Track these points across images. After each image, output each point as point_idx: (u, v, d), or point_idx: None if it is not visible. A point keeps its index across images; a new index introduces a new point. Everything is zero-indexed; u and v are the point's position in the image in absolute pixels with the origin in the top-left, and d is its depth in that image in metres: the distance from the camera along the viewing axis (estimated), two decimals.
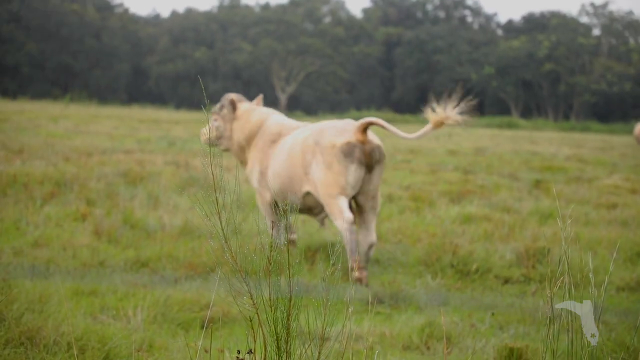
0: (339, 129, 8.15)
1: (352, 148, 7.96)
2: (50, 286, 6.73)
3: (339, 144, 7.98)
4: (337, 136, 8.06)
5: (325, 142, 8.06)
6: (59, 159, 15.29)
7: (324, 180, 8.01)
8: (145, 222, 9.52)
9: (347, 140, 7.99)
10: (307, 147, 8.20)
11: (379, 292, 7.02)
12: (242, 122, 8.99)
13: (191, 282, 7.26)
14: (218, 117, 9.14)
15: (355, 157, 7.95)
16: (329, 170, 7.98)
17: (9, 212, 9.74)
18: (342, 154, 7.95)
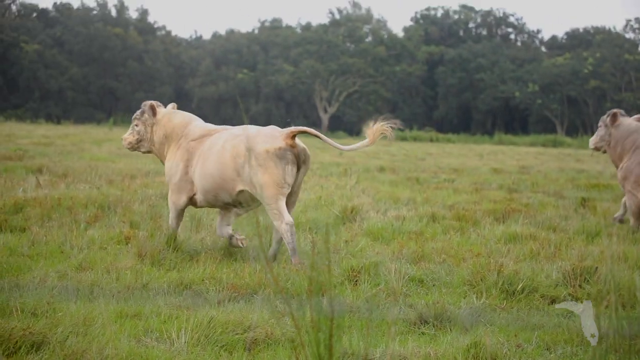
0: (268, 136, 9.23)
1: (284, 152, 9.08)
2: (94, 309, 6.74)
3: (272, 149, 9.07)
4: (268, 142, 9.14)
5: (259, 148, 9.11)
6: (102, 182, 15.38)
7: (264, 182, 9.03)
8: (188, 244, 9.52)
9: (279, 145, 9.10)
10: (238, 153, 9.24)
11: (423, 312, 6.94)
12: (163, 124, 10.02)
13: (234, 304, 7.23)
14: (139, 122, 10.20)
15: (289, 159, 9.11)
16: (267, 174, 9.02)
17: (54, 235, 9.79)
18: (277, 157, 9.06)
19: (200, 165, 9.56)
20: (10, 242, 9.45)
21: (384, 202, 14.26)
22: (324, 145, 36.58)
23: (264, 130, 9.40)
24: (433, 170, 23.91)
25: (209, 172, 9.47)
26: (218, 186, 9.46)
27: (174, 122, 9.98)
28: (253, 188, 9.17)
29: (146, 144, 10.20)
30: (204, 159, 9.54)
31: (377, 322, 6.83)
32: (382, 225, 11.27)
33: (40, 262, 8.55)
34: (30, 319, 6.28)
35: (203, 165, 9.53)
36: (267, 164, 9.04)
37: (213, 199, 9.65)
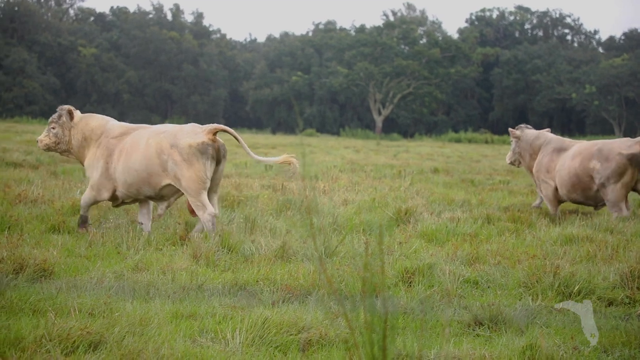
0: (191, 132, 10.15)
1: (206, 147, 10.04)
2: (150, 309, 6.80)
3: (195, 144, 10.01)
4: (191, 138, 10.07)
5: (182, 143, 10.04)
6: None
7: (188, 177, 9.99)
8: (243, 246, 9.57)
9: (201, 140, 10.05)
10: (162, 149, 10.12)
11: (478, 314, 6.90)
12: (81, 127, 10.82)
13: (288, 305, 7.25)
14: (56, 125, 10.92)
15: (209, 154, 10.06)
16: (191, 167, 9.98)
17: (110, 236, 9.90)
18: (199, 152, 10.00)
19: (124, 161, 10.37)
20: (68, 243, 9.59)
21: (438, 203, 14.19)
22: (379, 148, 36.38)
23: (186, 127, 10.32)
24: (488, 172, 23.75)
25: (133, 167, 10.30)
26: (142, 180, 10.30)
27: (92, 124, 10.80)
28: (177, 182, 10.08)
29: (63, 145, 10.95)
30: (127, 155, 10.35)
31: (432, 323, 6.81)
32: (436, 227, 11.22)
33: (97, 263, 8.65)
34: (88, 318, 6.36)
35: (126, 160, 10.35)
36: (190, 159, 10.00)
37: (135, 193, 10.50)
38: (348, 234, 10.37)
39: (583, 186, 13.25)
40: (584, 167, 13.19)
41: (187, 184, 10.04)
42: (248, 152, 10.49)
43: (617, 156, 12.89)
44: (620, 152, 12.89)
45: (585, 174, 13.16)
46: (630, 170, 12.82)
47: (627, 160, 12.83)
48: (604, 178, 12.92)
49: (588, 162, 13.16)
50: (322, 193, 14.86)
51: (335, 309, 6.97)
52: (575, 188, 13.32)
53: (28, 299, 6.88)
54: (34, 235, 9.93)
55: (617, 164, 12.85)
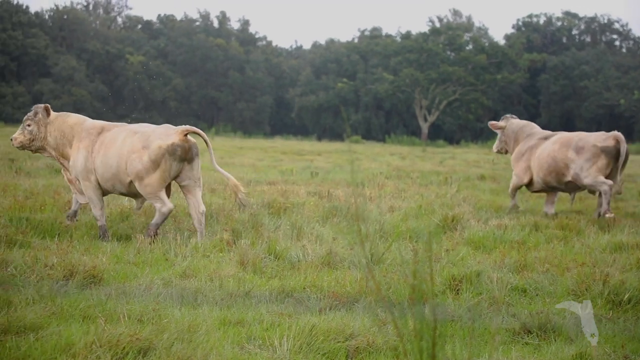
0: (162, 134, 10.67)
1: (175, 148, 10.55)
2: (198, 316, 6.85)
3: (165, 146, 10.52)
4: (162, 139, 10.57)
5: (153, 145, 10.54)
6: (205, 191, 15.58)
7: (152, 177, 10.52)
8: (289, 252, 9.59)
9: (171, 142, 10.56)
10: (134, 148, 10.62)
11: (526, 321, 6.85)
12: (58, 124, 11.28)
13: (335, 312, 7.25)
14: (32, 122, 11.32)
15: (177, 155, 10.56)
16: (158, 169, 10.52)
17: (158, 243, 9.98)
18: (168, 154, 10.51)
19: (102, 155, 10.89)
20: (117, 249, 9.68)
21: (485, 210, 14.12)
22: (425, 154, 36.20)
23: (159, 129, 10.83)
24: None
25: (109, 163, 10.84)
26: (113, 175, 10.85)
27: (70, 122, 11.31)
28: (139, 180, 10.60)
29: (38, 142, 11.36)
30: (106, 150, 10.88)
31: (480, 331, 6.77)
32: (483, 234, 11.16)
33: (145, 270, 8.72)
34: (137, 325, 6.41)
35: (105, 155, 10.87)
36: (158, 160, 10.53)
37: (111, 188, 11.04)
38: (395, 241, 10.35)
39: (557, 170, 14.30)
40: (562, 153, 14.25)
41: (149, 182, 10.59)
42: (211, 158, 11.15)
43: (592, 147, 13.95)
44: (595, 144, 13.98)
45: (562, 160, 14.23)
46: (604, 159, 13.89)
47: (600, 151, 13.91)
48: (578, 168, 13.99)
49: (566, 149, 14.22)
50: (368, 200, 14.84)
51: (382, 316, 6.96)
52: (550, 171, 14.37)
53: (78, 305, 6.95)
54: (83, 241, 10.04)
55: (592, 154, 13.92)
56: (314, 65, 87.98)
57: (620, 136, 13.96)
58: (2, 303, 6.91)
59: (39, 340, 6.05)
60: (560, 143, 14.41)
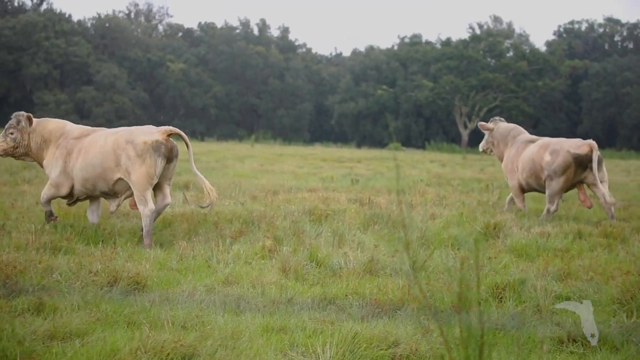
0: (146, 131, 11.04)
1: (159, 145, 10.90)
2: (241, 322, 6.87)
3: (149, 141, 10.87)
4: (147, 136, 10.93)
5: (138, 140, 10.88)
6: (246, 198, 15.65)
7: (139, 172, 10.80)
8: (331, 260, 9.58)
9: (156, 138, 10.91)
10: (119, 145, 10.95)
11: (571, 330, 6.79)
12: (40, 131, 11.62)
13: (378, 319, 7.24)
14: (15, 130, 11.66)
15: (162, 152, 10.90)
16: (144, 163, 10.80)
17: (201, 250, 10.03)
18: (153, 149, 10.84)
19: (82, 158, 11.21)
20: (160, 256, 9.74)
21: (527, 218, 14.03)
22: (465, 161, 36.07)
23: (142, 127, 11.24)
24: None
25: (91, 163, 11.14)
26: (98, 175, 11.14)
27: (50, 127, 11.67)
28: (127, 175, 10.92)
29: (21, 149, 11.72)
30: (86, 152, 11.22)
31: (524, 339, 6.73)
32: (526, 242, 11.08)
33: (188, 276, 8.77)
34: (181, 331, 6.45)
35: (85, 157, 11.20)
36: (144, 155, 10.84)
37: (92, 188, 11.32)
38: (437, 249, 10.31)
39: (536, 172, 14.89)
40: (539, 155, 14.86)
41: (136, 178, 10.85)
42: (190, 161, 11.53)
43: (565, 153, 14.49)
44: (568, 150, 14.51)
45: (539, 162, 14.84)
46: (573, 167, 14.44)
47: (572, 158, 14.41)
48: (551, 171, 14.54)
49: (543, 152, 14.80)
50: (409, 207, 14.81)
51: (426, 324, 6.94)
52: (530, 172, 14.98)
53: (122, 312, 7.01)
54: (126, 248, 10.12)
55: (564, 159, 14.44)
56: (353, 72, 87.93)
57: (594, 144, 14.44)
58: (48, 309, 6.99)
59: (84, 346, 6.10)
60: (539, 146, 15.05)
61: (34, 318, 6.76)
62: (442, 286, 8.22)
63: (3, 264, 8.20)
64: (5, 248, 9.38)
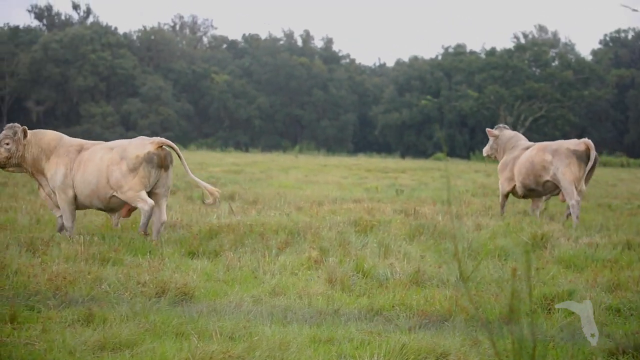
0: (138, 144, 11.54)
1: (152, 156, 11.40)
2: (288, 333, 6.87)
3: (142, 154, 11.36)
4: (139, 149, 11.42)
5: (130, 155, 11.37)
6: (291, 209, 15.68)
7: (131, 183, 11.29)
8: (377, 270, 9.57)
9: (148, 150, 11.40)
10: (113, 161, 11.43)
11: (621, 342, 6.72)
12: (36, 142, 11.88)
13: (425, 330, 7.22)
14: (11, 141, 11.87)
15: (155, 163, 11.40)
16: (136, 175, 11.30)
17: (247, 260, 10.06)
18: (145, 161, 11.35)
19: (81, 173, 11.58)
20: (207, 267, 9.78)
21: (574, 229, 13.91)
22: None
23: (134, 141, 11.71)
24: (626, 197, 23.15)
25: (88, 180, 11.53)
26: (93, 193, 11.57)
27: (47, 138, 11.97)
28: (120, 189, 11.39)
29: (15, 160, 11.92)
30: (84, 168, 11.58)
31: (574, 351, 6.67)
32: (574, 253, 10.98)
33: (235, 287, 8.79)
34: (229, 342, 6.47)
35: (83, 173, 11.56)
36: (136, 168, 11.32)
37: (89, 204, 11.76)
38: (483, 259, 10.26)
39: (535, 173, 15.84)
40: (540, 157, 15.81)
41: (129, 187, 11.33)
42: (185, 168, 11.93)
43: (565, 150, 15.56)
44: (568, 147, 15.61)
45: (539, 162, 15.79)
46: (575, 162, 15.48)
47: (572, 154, 15.49)
48: (555, 168, 15.54)
49: (543, 154, 15.79)
50: (455, 218, 14.74)
51: (474, 335, 6.91)
52: (529, 174, 15.92)
53: (171, 322, 7.05)
54: (173, 259, 10.17)
55: (565, 156, 15.50)
56: (397, 82, 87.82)
57: (590, 143, 15.61)
58: (97, 320, 7.06)
59: (134, 357, 6.16)
60: (537, 149, 16.04)
61: (84, 329, 6.84)
62: (490, 297, 8.18)
63: (53, 275, 8.31)
64: (55, 259, 9.50)
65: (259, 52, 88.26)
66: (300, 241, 11.66)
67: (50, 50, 77.66)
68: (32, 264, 8.99)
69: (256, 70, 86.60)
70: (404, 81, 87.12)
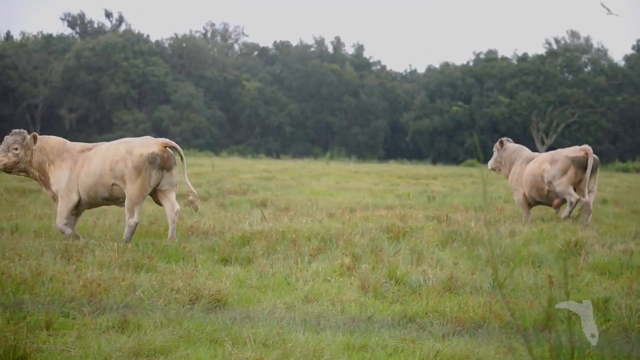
0: (144, 143, 11.98)
1: (155, 157, 11.82)
2: (322, 340, 6.87)
3: (146, 154, 11.79)
4: (143, 148, 11.86)
5: (135, 152, 11.81)
6: (323, 215, 15.67)
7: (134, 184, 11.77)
8: (410, 277, 9.54)
9: (152, 150, 11.82)
10: (118, 153, 11.91)
11: None
12: (42, 146, 12.31)
13: (459, 338, 7.19)
14: (19, 146, 12.22)
15: (157, 164, 11.83)
16: (139, 176, 11.76)
17: (279, 267, 10.07)
18: (148, 162, 11.77)
19: (86, 166, 12.08)
20: (240, 273, 9.80)
21: (609, 235, 13.79)
22: None
23: (140, 139, 12.19)
24: None
25: (92, 171, 12.02)
26: (97, 182, 12.01)
27: (51, 143, 12.43)
28: (123, 183, 11.86)
29: (22, 165, 12.28)
30: (89, 161, 12.10)
31: (611, 358, 6.61)
32: (608, 260, 10.89)
33: (268, 294, 8.80)
34: (262, 349, 6.48)
35: (88, 166, 12.07)
36: (139, 167, 11.77)
37: (94, 195, 12.14)
38: (517, 266, 10.20)
39: (537, 185, 16.30)
40: (539, 168, 16.31)
41: (131, 189, 11.83)
42: (184, 171, 12.43)
43: (564, 158, 16.03)
44: (566, 155, 16.09)
45: (539, 174, 16.27)
46: (573, 169, 15.91)
47: (570, 161, 15.93)
48: (551, 176, 16.02)
49: (541, 164, 16.34)
50: (487, 224, 14.67)
51: (508, 342, 6.87)
52: (532, 186, 16.42)
53: (204, 329, 7.07)
54: (206, 265, 10.20)
55: (563, 164, 15.94)
56: (428, 88, 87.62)
57: (589, 149, 15.96)
58: (132, 326, 7.09)
59: None
60: (539, 161, 16.56)
61: (118, 335, 6.88)
62: (525, 304, 8.13)
63: (88, 282, 8.36)
64: (89, 266, 9.56)
65: (290, 59, 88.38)
66: (333, 248, 11.65)
67: (83, 58, 78.23)
68: (66, 271, 9.05)
69: (287, 77, 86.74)
70: (435, 87, 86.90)
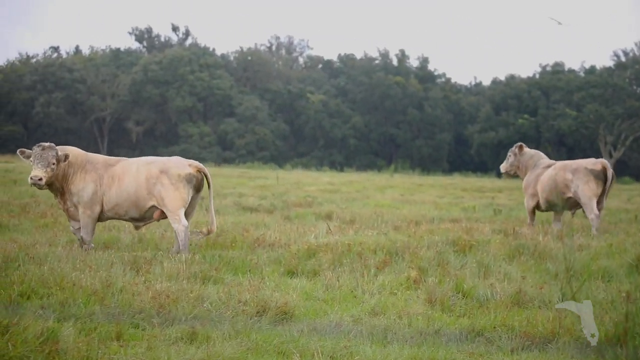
0: (179, 164, 12.41)
1: (192, 177, 12.38)
2: (389, 354, 6.86)
3: (183, 174, 12.31)
4: (180, 169, 12.32)
5: (172, 172, 12.26)
6: (388, 228, 15.64)
7: (172, 196, 12.16)
8: (477, 291, 9.48)
9: (188, 171, 12.35)
10: (151, 174, 12.25)
11: None
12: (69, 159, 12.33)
13: (528, 352, 7.12)
14: (56, 162, 12.15)
15: (193, 184, 12.40)
16: (177, 191, 12.18)
17: (346, 280, 10.07)
18: (186, 181, 12.29)
19: (117, 186, 12.28)
20: (306, 286, 9.82)
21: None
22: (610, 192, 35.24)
23: (174, 159, 12.58)
24: None
25: (126, 191, 12.27)
26: (132, 203, 12.31)
27: (75, 154, 12.46)
28: (161, 201, 12.18)
29: (52, 179, 12.24)
30: (120, 180, 12.31)
31: None
32: None
33: (334, 306, 8.82)
34: None
35: (119, 185, 12.28)
36: (177, 185, 12.20)
37: (123, 213, 12.43)
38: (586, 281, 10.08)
39: (558, 190, 17.17)
40: (561, 176, 17.17)
41: (170, 201, 12.16)
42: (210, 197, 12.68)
43: (584, 170, 16.95)
44: (586, 167, 17.00)
45: (562, 181, 17.14)
46: (593, 179, 16.86)
47: (590, 173, 16.88)
48: (575, 185, 16.90)
49: (564, 173, 17.17)
50: (555, 238, 14.52)
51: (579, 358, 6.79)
52: (552, 191, 17.28)
53: (272, 341, 7.10)
54: (273, 278, 10.25)
55: (584, 174, 16.89)
56: (493, 101, 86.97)
57: (606, 163, 17.09)
58: (201, 338, 7.15)
59: None
60: (558, 168, 17.39)
61: (187, 347, 6.94)
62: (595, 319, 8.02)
63: (157, 293, 8.45)
64: (158, 278, 9.67)
65: (354, 71, 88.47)
66: (399, 261, 11.62)
67: (150, 72, 79.22)
68: (135, 282, 9.16)
69: (351, 89, 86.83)
70: (501, 100, 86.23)
